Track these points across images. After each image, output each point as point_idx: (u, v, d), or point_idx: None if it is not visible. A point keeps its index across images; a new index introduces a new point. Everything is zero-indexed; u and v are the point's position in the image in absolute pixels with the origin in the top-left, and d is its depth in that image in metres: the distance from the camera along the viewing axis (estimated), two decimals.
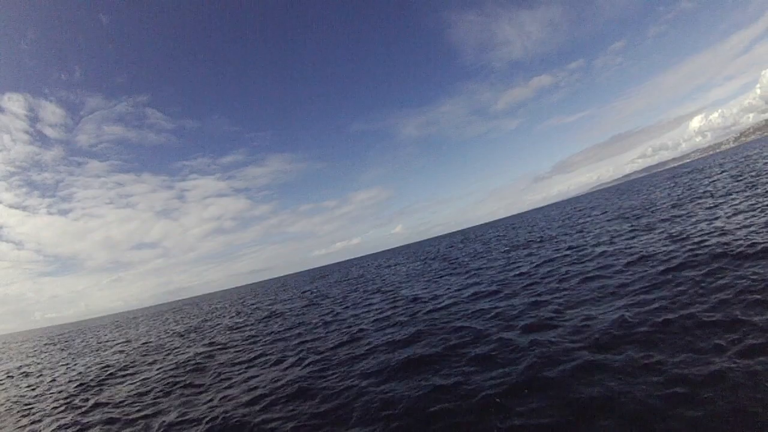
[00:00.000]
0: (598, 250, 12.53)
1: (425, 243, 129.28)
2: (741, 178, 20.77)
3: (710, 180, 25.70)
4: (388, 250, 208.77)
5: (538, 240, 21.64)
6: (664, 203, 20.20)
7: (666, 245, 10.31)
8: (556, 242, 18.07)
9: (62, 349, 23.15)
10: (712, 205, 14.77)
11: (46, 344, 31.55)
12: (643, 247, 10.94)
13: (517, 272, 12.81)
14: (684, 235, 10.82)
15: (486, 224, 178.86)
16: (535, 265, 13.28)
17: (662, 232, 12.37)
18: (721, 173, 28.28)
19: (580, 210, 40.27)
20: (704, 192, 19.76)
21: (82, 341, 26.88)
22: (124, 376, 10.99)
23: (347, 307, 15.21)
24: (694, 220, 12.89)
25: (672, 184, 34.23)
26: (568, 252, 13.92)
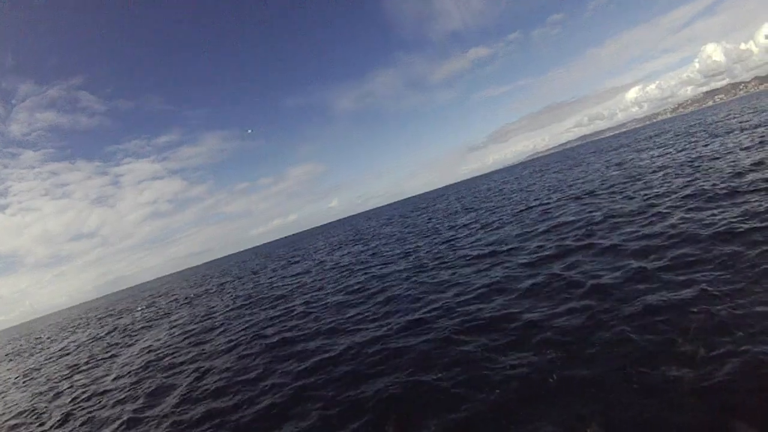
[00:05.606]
0: None
1: (361, 216, 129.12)
2: None
3: None
4: (325, 225, 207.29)
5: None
6: None
7: None
8: None
9: None
10: None
11: None
12: None
13: None
14: None
15: (419, 195, 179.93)
16: None
17: None
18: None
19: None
20: None
21: None
22: None
23: None
24: None
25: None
26: None
